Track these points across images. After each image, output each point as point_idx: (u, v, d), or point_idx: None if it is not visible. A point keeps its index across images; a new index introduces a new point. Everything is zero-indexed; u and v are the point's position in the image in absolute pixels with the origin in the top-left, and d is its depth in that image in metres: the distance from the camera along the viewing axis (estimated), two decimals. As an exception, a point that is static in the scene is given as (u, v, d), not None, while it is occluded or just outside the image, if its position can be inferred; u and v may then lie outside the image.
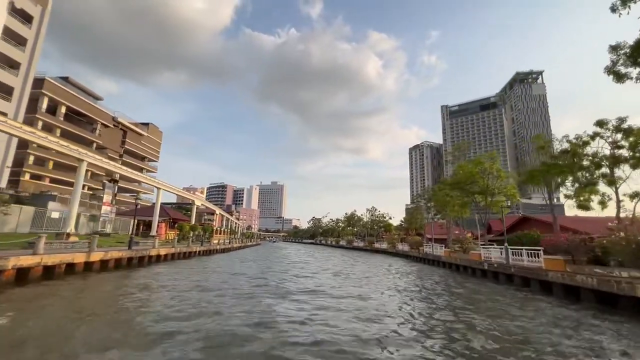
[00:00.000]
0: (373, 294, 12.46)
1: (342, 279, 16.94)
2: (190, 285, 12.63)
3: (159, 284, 12.73)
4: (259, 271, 18.88)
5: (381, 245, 52.02)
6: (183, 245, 26.25)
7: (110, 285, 12.02)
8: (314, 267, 22.88)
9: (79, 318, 7.41)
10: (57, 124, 51.39)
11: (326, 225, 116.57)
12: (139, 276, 14.61)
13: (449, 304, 10.73)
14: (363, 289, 13.72)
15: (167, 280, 13.86)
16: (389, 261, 32.74)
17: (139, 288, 11.53)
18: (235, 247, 43.86)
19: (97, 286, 11.78)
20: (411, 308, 9.99)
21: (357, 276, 18.05)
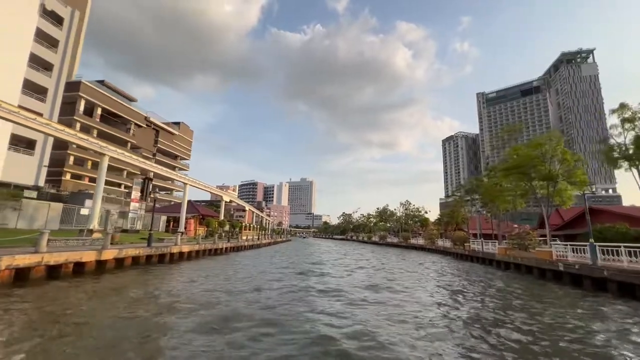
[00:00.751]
0: (433, 306, 9.85)
1: (386, 277, 14.44)
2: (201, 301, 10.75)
3: (165, 289, 10.98)
4: (290, 272, 16.86)
5: (417, 241, 48.45)
6: (209, 242, 24.99)
7: (103, 287, 10.44)
8: (359, 276, 20.58)
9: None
10: (93, 124, 53.23)
11: (357, 220, 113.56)
12: (148, 278, 13.07)
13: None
14: (419, 296, 11.14)
15: (178, 285, 12.14)
16: (430, 259, 29.59)
17: (128, 295, 9.82)
18: (264, 243, 42.65)
19: (82, 290, 10.19)
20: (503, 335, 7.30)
21: (400, 274, 15.44)
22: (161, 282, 11.96)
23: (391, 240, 62.55)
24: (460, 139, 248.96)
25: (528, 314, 8.74)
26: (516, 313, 8.76)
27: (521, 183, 22.94)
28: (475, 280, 15.38)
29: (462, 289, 12.71)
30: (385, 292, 11.50)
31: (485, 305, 9.91)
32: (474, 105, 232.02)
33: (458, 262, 25.92)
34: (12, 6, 28.56)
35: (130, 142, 60.96)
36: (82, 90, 51.42)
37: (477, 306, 9.67)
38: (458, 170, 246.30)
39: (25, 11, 29.94)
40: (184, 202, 31.85)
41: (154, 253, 16.68)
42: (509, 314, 8.67)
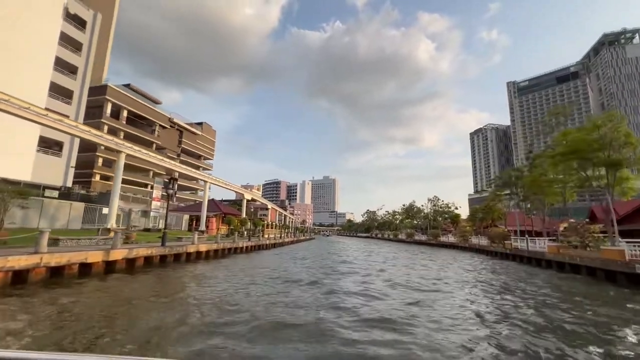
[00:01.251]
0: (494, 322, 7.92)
1: (425, 280, 12.56)
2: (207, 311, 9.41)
3: (163, 298, 9.76)
4: (314, 273, 15.35)
5: (448, 239, 45.45)
6: (228, 241, 24.03)
7: (89, 295, 9.36)
8: (385, 272, 18.75)
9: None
10: (120, 127, 54.63)
11: (382, 218, 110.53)
12: (154, 280, 12.00)
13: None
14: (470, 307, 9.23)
15: (187, 292, 10.92)
16: (465, 257, 27.05)
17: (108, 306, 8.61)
18: (287, 241, 41.58)
19: (66, 296, 9.16)
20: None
21: (441, 275, 13.48)
22: (164, 286, 10.82)
23: (419, 238, 59.58)
24: (490, 132, 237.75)
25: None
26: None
27: (573, 172, 19.97)
28: (542, 286, 13.04)
29: (542, 302, 10.57)
30: (432, 304, 9.65)
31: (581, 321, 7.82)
32: (504, 95, 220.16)
33: (499, 262, 23.31)
34: (37, 11, 29.16)
35: (155, 143, 62.19)
36: (109, 94, 52.84)
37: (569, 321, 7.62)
38: (488, 164, 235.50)
39: (50, 15, 30.52)
40: (205, 201, 31.30)
41: (169, 253, 15.73)
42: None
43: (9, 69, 26.73)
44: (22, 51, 27.80)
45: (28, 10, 28.30)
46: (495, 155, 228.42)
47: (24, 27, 27.83)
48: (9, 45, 26.73)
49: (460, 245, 39.94)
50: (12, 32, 27.04)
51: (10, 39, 26.89)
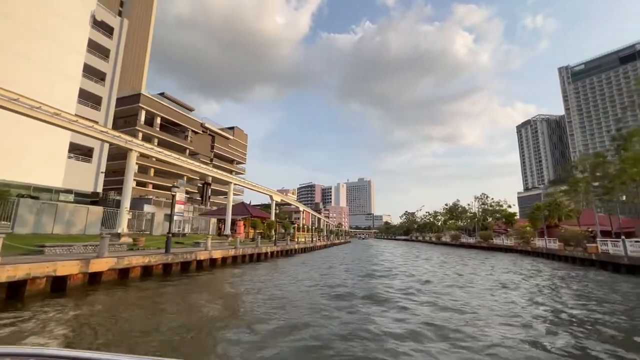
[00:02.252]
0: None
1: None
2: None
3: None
4: (352, 286, 12.14)
5: (503, 241, 39.50)
6: (249, 246, 21.55)
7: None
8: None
9: None
10: (154, 133, 55.68)
11: (421, 219, 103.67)
12: (111, 303, 9.46)
13: None
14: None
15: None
16: (531, 264, 22.08)
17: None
18: (319, 245, 38.62)
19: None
20: None
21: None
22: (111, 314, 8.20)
23: (466, 241, 53.50)
24: (540, 123, 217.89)
25: None
26: None
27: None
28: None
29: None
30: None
31: None
32: (553, 84, 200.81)
33: (582, 270, 18.26)
34: (66, 18, 29.45)
35: (188, 148, 62.87)
36: (143, 102, 54.06)
37: None
38: (539, 159, 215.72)
39: (78, 22, 30.80)
40: (229, 203, 29.41)
41: (172, 261, 13.39)
42: None
43: (41, 76, 26.96)
44: (52, 59, 27.99)
45: (58, 17, 28.54)
46: (547, 148, 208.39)
47: (54, 34, 28.04)
48: (39, 52, 26.98)
49: (519, 249, 34.20)
50: (43, 40, 27.28)
51: (41, 47, 27.14)
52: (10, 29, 25.02)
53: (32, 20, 26.59)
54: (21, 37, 25.67)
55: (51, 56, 27.75)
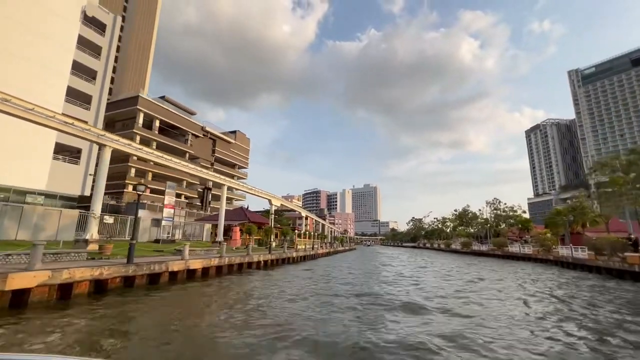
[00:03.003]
0: None
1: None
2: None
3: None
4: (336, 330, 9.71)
5: (520, 249, 36.44)
6: (240, 254, 19.23)
7: None
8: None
9: None
10: (152, 137, 54.17)
11: (429, 225, 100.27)
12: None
13: None
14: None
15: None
16: (557, 275, 19.36)
17: None
18: (321, 253, 36.08)
19: None
20: None
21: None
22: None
23: (478, 248, 50.38)
24: (550, 127, 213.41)
25: None
26: None
27: None
28: None
29: None
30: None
31: None
32: (562, 89, 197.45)
33: (619, 285, 15.52)
34: (54, 13, 28.01)
35: (188, 152, 61.27)
36: (141, 104, 52.65)
37: None
38: (549, 164, 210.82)
39: (68, 18, 29.34)
40: (222, 207, 27.18)
41: (136, 273, 11.12)
42: None
43: (27, 72, 25.40)
44: (38, 53, 26.43)
45: (44, 10, 27.08)
46: (558, 153, 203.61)
47: (40, 28, 26.52)
48: (23, 46, 25.45)
49: (539, 258, 31.22)
50: (28, 33, 25.75)
51: (25, 40, 25.61)
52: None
53: (15, 12, 25.09)
54: (2, 28, 24.13)
55: (36, 51, 26.19)
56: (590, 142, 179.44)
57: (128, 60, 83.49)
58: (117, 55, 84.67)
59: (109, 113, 55.80)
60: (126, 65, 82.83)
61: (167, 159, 20.25)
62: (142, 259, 13.07)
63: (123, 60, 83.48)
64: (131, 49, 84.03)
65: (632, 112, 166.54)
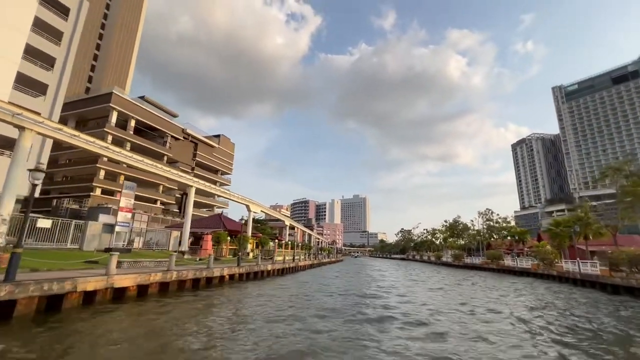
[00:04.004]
0: None
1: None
2: None
3: None
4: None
5: (518, 263, 33.91)
6: (197, 267, 15.84)
7: None
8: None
9: None
10: (126, 137, 50.25)
11: (419, 237, 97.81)
12: None
13: None
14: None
15: None
16: (569, 294, 16.68)
17: None
18: (303, 265, 32.70)
19: None
20: None
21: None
22: None
23: (471, 261, 47.84)
24: (535, 142, 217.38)
25: None
26: None
27: None
28: None
29: None
30: None
31: None
32: (545, 106, 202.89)
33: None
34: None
35: (166, 155, 57.36)
36: (114, 102, 48.84)
37: None
38: (535, 177, 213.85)
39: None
40: (188, 212, 23.75)
41: (17, 297, 7.71)
42: None
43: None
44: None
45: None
46: (543, 166, 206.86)
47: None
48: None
49: (539, 273, 28.67)
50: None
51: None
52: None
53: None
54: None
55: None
56: (574, 156, 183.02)
57: (109, 59, 79.68)
58: (97, 53, 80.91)
59: (80, 111, 51.95)
60: (106, 64, 78.96)
61: (123, 154, 16.97)
62: (44, 274, 9.65)
63: (103, 59, 79.69)
64: (113, 48, 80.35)
65: (614, 128, 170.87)
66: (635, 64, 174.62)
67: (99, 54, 79.17)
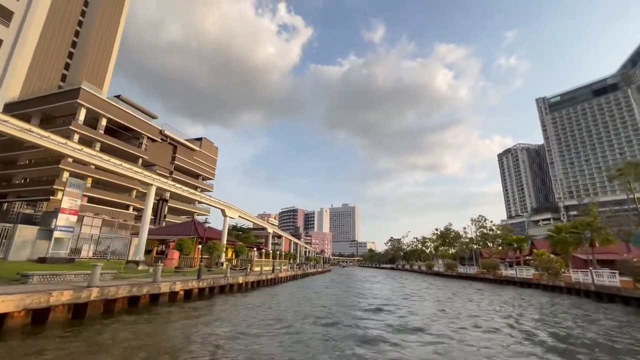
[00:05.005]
0: None
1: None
2: None
3: None
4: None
5: (517, 272, 31.36)
6: (139, 281, 12.43)
7: None
8: None
9: None
10: (96, 137, 46.20)
11: (408, 246, 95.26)
12: None
13: None
14: None
15: None
16: (585, 311, 14.01)
17: None
18: (284, 277, 29.27)
19: None
20: None
21: None
22: None
23: (464, 271, 45.24)
24: (521, 152, 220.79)
25: None
26: None
27: None
28: None
29: None
30: None
31: None
32: (528, 119, 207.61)
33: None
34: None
35: (141, 157, 53.30)
36: (83, 98, 44.83)
37: None
38: (521, 186, 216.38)
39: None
40: (146, 215, 20.27)
41: None
42: None
43: None
44: None
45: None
46: (529, 176, 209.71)
47: None
48: None
49: (542, 284, 26.12)
50: None
51: None
52: None
53: None
54: None
55: None
56: (559, 166, 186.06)
57: (85, 58, 75.46)
58: (72, 51, 76.60)
59: (45, 107, 47.69)
60: (83, 63, 74.68)
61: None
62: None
63: (79, 58, 75.42)
64: (90, 46, 76.25)
65: (596, 139, 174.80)
66: (615, 77, 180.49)
67: (73, 52, 74.91)
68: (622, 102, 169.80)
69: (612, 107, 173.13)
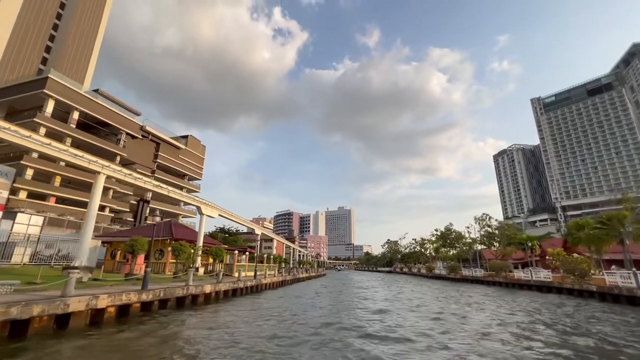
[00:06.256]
0: None
1: None
2: None
3: None
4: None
5: (533, 276, 27.82)
6: (39, 294, 8.54)
7: None
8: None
9: None
10: (67, 131, 42.07)
11: (406, 248, 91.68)
12: None
13: None
14: None
15: None
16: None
17: None
18: (268, 283, 25.39)
19: None
20: None
21: None
22: None
23: (469, 274, 41.70)
24: (516, 153, 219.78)
25: None
26: None
27: None
28: None
29: None
30: None
31: None
32: (524, 120, 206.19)
33: None
34: None
35: (119, 154, 49.15)
36: (50, 88, 40.65)
37: None
38: (517, 187, 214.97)
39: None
40: (91, 211, 16.33)
41: None
42: None
43: None
44: None
45: None
46: (525, 177, 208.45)
47: None
48: None
49: (566, 288, 22.63)
50: None
51: None
52: None
53: None
54: None
55: None
56: (555, 166, 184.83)
57: (64, 52, 71.25)
58: (50, 45, 72.35)
59: (10, 99, 43.43)
60: (61, 55, 70.40)
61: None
62: None
63: (57, 52, 71.11)
64: (67, 39, 72.05)
65: (591, 139, 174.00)
66: (608, 77, 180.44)
67: (51, 46, 70.63)
68: (617, 102, 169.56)
69: (607, 107, 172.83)
